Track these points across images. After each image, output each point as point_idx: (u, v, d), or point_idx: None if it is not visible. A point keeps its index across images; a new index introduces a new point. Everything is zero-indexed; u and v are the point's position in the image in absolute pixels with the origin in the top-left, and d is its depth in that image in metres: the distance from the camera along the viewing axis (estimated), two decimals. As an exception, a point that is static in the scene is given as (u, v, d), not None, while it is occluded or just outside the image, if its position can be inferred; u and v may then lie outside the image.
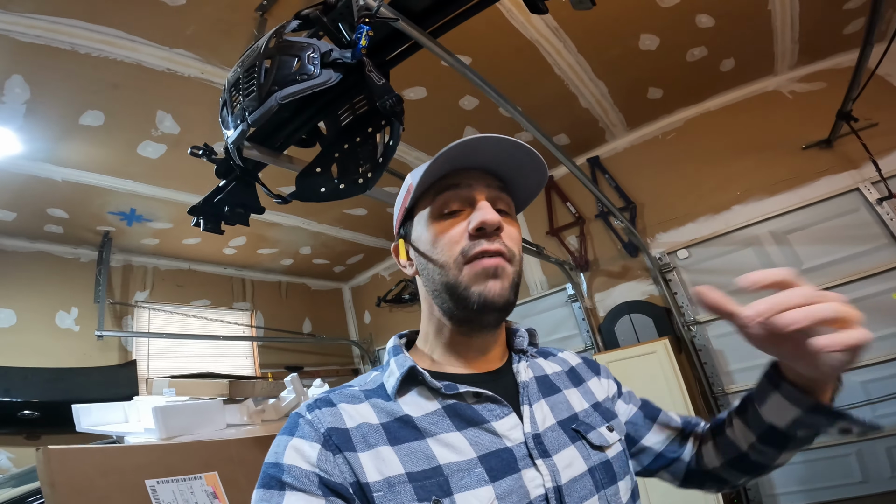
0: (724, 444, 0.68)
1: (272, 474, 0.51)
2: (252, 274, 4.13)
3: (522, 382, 0.64)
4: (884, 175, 2.22)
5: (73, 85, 1.92)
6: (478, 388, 0.59)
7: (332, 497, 0.49)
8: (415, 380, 0.60)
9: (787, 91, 2.72)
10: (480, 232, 0.58)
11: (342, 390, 0.61)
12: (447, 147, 0.57)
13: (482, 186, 0.62)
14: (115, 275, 3.21)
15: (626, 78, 2.59)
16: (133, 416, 1.80)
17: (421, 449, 0.54)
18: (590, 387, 0.72)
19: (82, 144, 2.24)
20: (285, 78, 0.95)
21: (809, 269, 2.49)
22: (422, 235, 0.64)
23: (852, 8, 2.14)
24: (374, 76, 1.03)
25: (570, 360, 0.76)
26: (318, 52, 0.97)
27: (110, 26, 1.76)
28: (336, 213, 3.49)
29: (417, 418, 0.57)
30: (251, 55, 1.03)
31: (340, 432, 0.54)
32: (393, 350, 0.66)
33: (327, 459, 0.51)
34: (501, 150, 0.60)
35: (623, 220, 2.59)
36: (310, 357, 4.16)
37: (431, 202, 0.63)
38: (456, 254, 0.59)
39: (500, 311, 0.59)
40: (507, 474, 0.53)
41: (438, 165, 0.60)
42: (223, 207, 1.53)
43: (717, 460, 0.69)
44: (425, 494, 0.50)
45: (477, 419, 0.57)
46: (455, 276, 0.59)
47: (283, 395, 2.18)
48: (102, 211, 2.79)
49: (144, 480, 1.32)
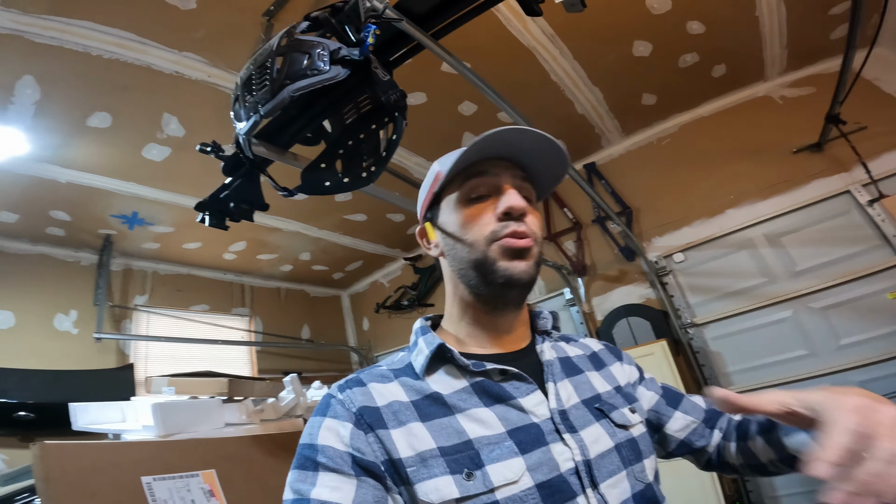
0: (745, 450, 0.68)
1: (307, 455, 0.53)
2: (251, 280, 4.14)
3: (547, 361, 0.65)
4: (874, 177, 2.27)
5: (83, 86, 1.96)
6: (504, 366, 0.60)
7: (363, 476, 0.51)
8: (443, 358, 0.62)
9: (778, 96, 2.79)
10: (507, 216, 0.62)
11: (371, 370, 0.63)
12: (479, 137, 0.60)
13: (508, 175, 0.65)
14: (114, 278, 3.22)
15: (621, 84, 2.65)
16: (131, 415, 1.80)
17: (451, 424, 0.55)
18: (612, 371, 0.73)
19: (88, 146, 2.27)
20: (297, 73, 1.00)
21: (803, 270, 2.52)
22: (449, 218, 0.67)
23: (837, 13, 2.21)
24: (380, 72, 1.08)
25: (591, 346, 0.78)
26: (328, 50, 1.01)
27: (123, 29, 1.80)
28: (336, 218, 3.52)
29: (447, 395, 0.58)
30: (263, 53, 1.07)
31: (371, 411, 0.55)
32: (420, 330, 0.68)
33: (359, 438, 0.53)
34: (526, 141, 0.63)
35: (620, 223, 2.63)
36: (308, 363, 4.16)
37: (459, 188, 0.66)
38: (486, 233, 0.62)
39: (523, 287, 0.62)
40: (535, 447, 0.54)
41: (471, 154, 0.63)
42: (229, 204, 1.56)
43: (738, 460, 0.69)
44: (457, 467, 0.51)
45: (504, 396, 0.58)
46: (483, 252, 0.62)
47: (282, 395, 2.18)
48: (105, 214, 2.81)
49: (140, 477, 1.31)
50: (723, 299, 2.74)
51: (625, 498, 0.55)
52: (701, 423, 0.74)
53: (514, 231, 0.61)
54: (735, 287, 2.71)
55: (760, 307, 2.60)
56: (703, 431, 0.73)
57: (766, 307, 2.58)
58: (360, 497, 0.49)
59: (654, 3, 2.07)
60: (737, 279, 2.71)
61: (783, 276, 2.58)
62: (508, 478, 0.51)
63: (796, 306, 2.51)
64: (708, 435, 0.73)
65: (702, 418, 0.74)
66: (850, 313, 2.36)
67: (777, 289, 2.57)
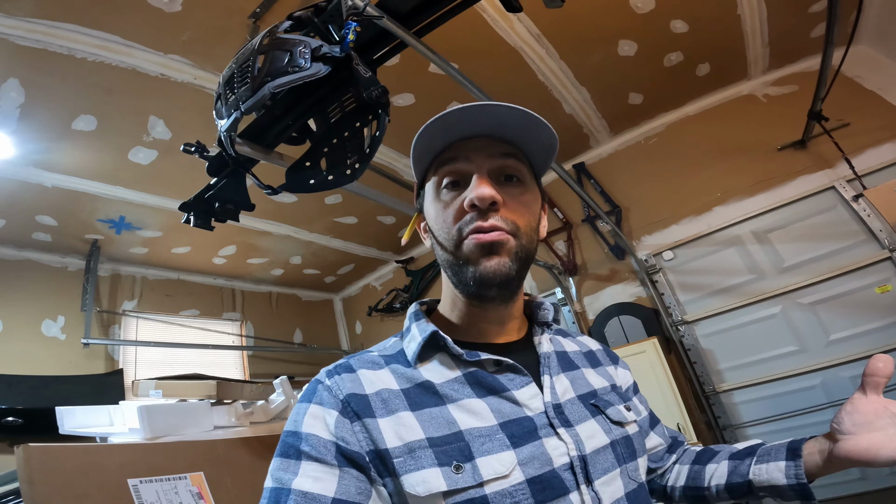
0: (695, 473, 0.72)
1: (290, 443, 0.51)
2: (242, 284, 4.11)
3: (544, 353, 0.63)
4: (858, 173, 2.30)
5: (68, 89, 1.95)
6: (499, 357, 0.58)
7: (346, 467, 0.49)
8: (436, 346, 0.60)
9: (762, 94, 2.83)
10: (474, 209, 0.57)
11: (362, 356, 0.61)
12: (426, 124, 0.56)
13: (482, 157, 0.59)
14: (102, 284, 3.19)
15: (608, 84, 2.67)
16: (118, 419, 1.78)
17: (442, 414, 0.53)
18: (607, 371, 0.72)
19: (74, 150, 2.25)
20: (278, 70, 1.00)
21: (791, 266, 2.54)
22: (429, 210, 0.64)
23: (817, 11, 2.24)
24: (361, 69, 1.09)
25: (589, 345, 0.77)
26: (309, 48, 1.02)
27: (108, 31, 1.80)
28: (327, 221, 3.51)
29: (438, 384, 0.56)
30: (245, 52, 1.08)
31: (360, 398, 0.53)
32: (414, 315, 0.65)
33: (345, 427, 0.51)
34: (492, 116, 0.58)
35: (610, 223, 2.65)
36: (300, 367, 4.13)
37: (434, 175, 0.62)
38: (454, 231, 0.58)
39: (499, 286, 0.57)
40: (528, 441, 0.52)
41: (424, 143, 0.59)
42: (214, 204, 1.55)
43: (679, 482, 0.74)
44: (447, 459, 0.50)
45: (497, 387, 0.57)
46: (453, 252, 0.58)
47: (272, 397, 2.17)
48: (91, 218, 2.79)
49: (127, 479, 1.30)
50: (712, 296, 2.76)
51: (618, 496, 0.54)
52: (665, 447, 0.78)
53: (479, 226, 0.56)
54: (724, 284, 2.73)
55: (749, 303, 2.61)
56: (664, 455, 0.77)
57: (755, 303, 2.60)
58: (342, 488, 0.48)
59: (639, 2, 2.09)
60: (726, 276, 2.73)
61: (771, 273, 2.60)
62: (498, 471, 0.49)
63: (785, 302, 2.53)
64: (666, 459, 0.77)
65: (667, 444, 0.78)
66: (838, 308, 2.38)
67: (765, 285, 2.59)
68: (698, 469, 0.72)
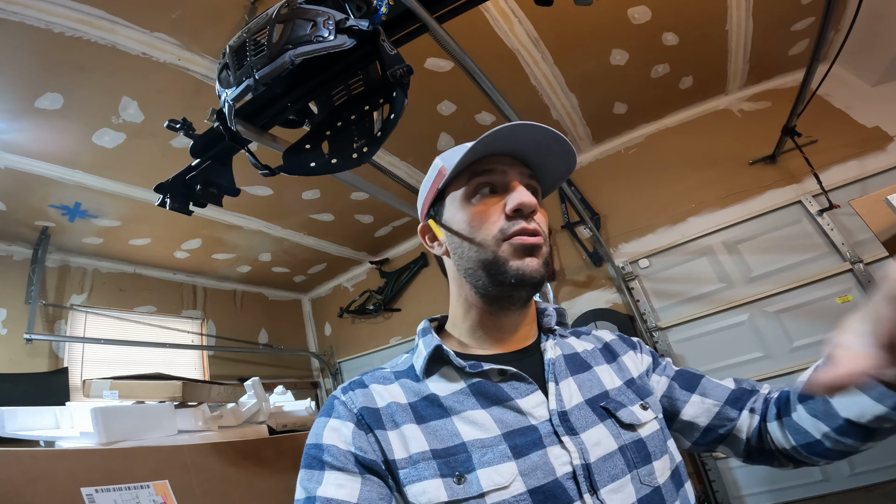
0: (791, 427, 0.59)
1: (313, 454, 0.54)
2: (205, 281, 3.88)
3: (549, 360, 0.64)
4: (825, 188, 2.44)
5: (37, 65, 1.77)
6: (503, 366, 0.60)
7: (367, 475, 0.52)
8: (441, 360, 0.62)
9: (737, 109, 2.96)
10: (517, 213, 0.60)
11: (374, 372, 0.65)
12: (486, 134, 0.59)
13: (515, 172, 0.64)
14: (49, 275, 2.90)
15: (596, 92, 2.71)
16: (65, 421, 1.61)
17: (445, 427, 0.55)
18: (624, 362, 0.70)
19: (33, 129, 2.04)
20: (300, 38, 0.96)
21: (758, 276, 2.66)
22: (455, 216, 0.65)
23: (799, 30, 2.36)
24: (387, 45, 1.05)
25: (604, 337, 0.75)
26: (334, 19, 0.97)
27: (92, 5, 1.65)
28: (301, 217, 3.37)
29: (443, 397, 0.59)
30: (260, 21, 1.03)
31: (371, 412, 0.57)
32: (422, 332, 0.67)
33: (361, 438, 0.54)
34: (533, 138, 0.62)
35: (593, 229, 2.68)
36: (265, 369, 3.93)
37: (465, 184, 0.65)
38: (495, 232, 0.61)
39: (534, 286, 0.60)
40: (531, 451, 0.53)
41: (479, 150, 0.61)
42: (195, 186, 1.43)
43: (787, 443, 0.60)
44: (448, 470, 0.52)
45: (501, 397, 0.58)
46: (494, 252, 0.60)
47: (243, 399, 2.04)
48: (43, 204, 2.53)
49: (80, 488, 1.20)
50: (685, 304, 2.84)
51: (629, 503, 0.52)
52: (725, 405, 0.65)
53: (524, 228, 0.60)
54: (696, 292, 2.82)
55: (719, 311, 2.71)
56: (730, 414, 0.65)
57: (725, 311, 2.70)
58: (365, 494, 0.50)
59: (636, 12, 2.13)
60: (697, 284, 2.83)
61: (740, 282, 2.71)
62: (498, 482, 0.50)
63: (752, 310, 2.63)
64: (737, 419, 0.65)
65: (724, 399, 0.66)
66: (802, 317, 2.51)
67: (734, 293, 2.70)
68: (791, 423, 0.59)
